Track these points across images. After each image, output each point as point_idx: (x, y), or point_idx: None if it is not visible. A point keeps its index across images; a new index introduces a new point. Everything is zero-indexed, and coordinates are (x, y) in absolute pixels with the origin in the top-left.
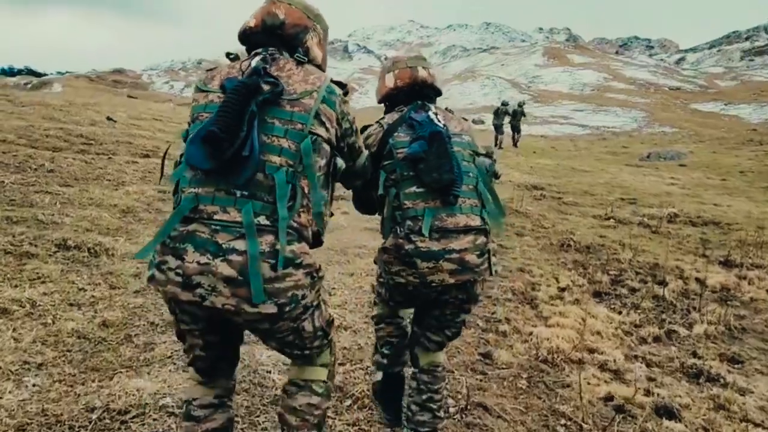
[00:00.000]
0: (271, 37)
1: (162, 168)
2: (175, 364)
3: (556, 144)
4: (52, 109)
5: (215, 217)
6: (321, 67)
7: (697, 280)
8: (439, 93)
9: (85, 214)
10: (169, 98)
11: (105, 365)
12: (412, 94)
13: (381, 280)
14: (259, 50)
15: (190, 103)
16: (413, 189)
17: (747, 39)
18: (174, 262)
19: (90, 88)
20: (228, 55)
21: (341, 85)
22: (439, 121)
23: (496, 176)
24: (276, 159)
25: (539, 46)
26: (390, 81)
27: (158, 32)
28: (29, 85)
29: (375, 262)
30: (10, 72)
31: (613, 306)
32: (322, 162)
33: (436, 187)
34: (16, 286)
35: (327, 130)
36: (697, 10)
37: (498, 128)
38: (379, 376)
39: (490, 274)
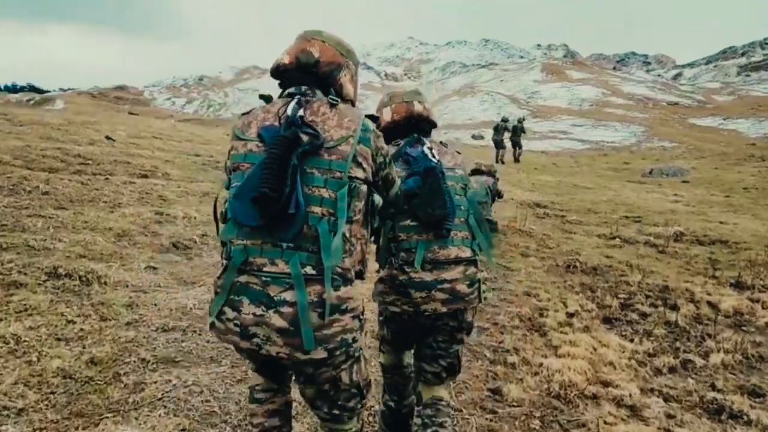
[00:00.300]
0: (305, 75)
1: (216, 224)
2: (165, 407)
3: (557, 160)
4: (51, 128)
5: (265, 269)
6: (352, 102)
7: (709, 303)
8: (434, 126)
9: (79, 238)
10: (171, 114)
11: (90, 409)
12: (408, 127)
13: (380, 318)
14: (293, 90)
15: (228, 150)
16: (407, 222)
17: (743, 54)
18: (231, 313)
19: (92, 105)
20: (261, 97)
21: (373, 118)
22: (433, 156)
23: (500, 195)
24: (317, 209)
25: (537, 62)
26: (387, 115)
27: (161, 49)
28: (32, 102)
29: (373, 299)
30: (13, 89)
31: (624, 333)
32: (361, 204)
33: (429, 221)
34: (1, 320)
35: (364, 170)
36: (693, 26)
37: (498, 144)
38: (387, 411)
39: (479, 302)
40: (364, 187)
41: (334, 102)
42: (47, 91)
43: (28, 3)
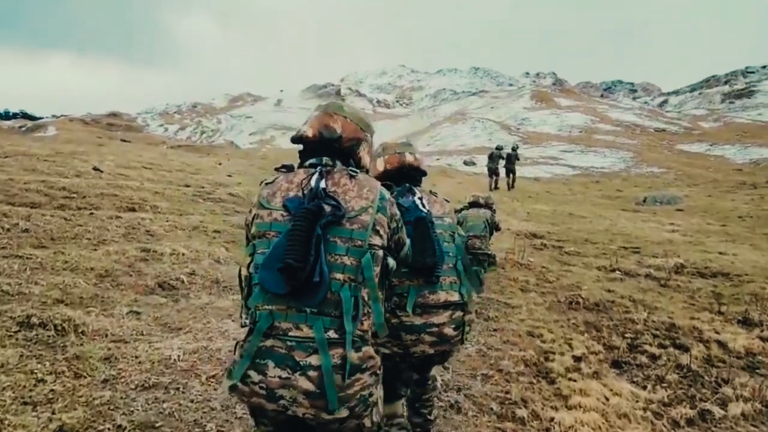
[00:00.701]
0: (327, 148)
1: (242, 289)
2: None
3: (551, 187)
4: (37, 160)
5: (290, 333)
6: (368, 171)
7: (719, 343)
8: (424, 174)
9: (57, 281)
10: (163, 140)
11: None
12: (400, 176)
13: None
14: (314, 161)
15: (250, 216)
16: (400, 269)
17: (726, 83)
18: (257, 376)
19: (84, 131)
20: (283, 166)
21: (387, 186)
22: (423, 206)
23: (497, 228)
24: (340, 276)
25: (527, 89)
26: (381, 165)
27: (155, 77)
28: (24, 129)
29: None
30: (5, 116)
31: (635, 379)
32: (378, 269)
33: (419, 268)
34: None
35: (381, 237)
36: (677, 56)
37: (493, 171)
38: None
39: (461, 343)
40: (381, 252)
41: (354, 174)
42: (39, 118)
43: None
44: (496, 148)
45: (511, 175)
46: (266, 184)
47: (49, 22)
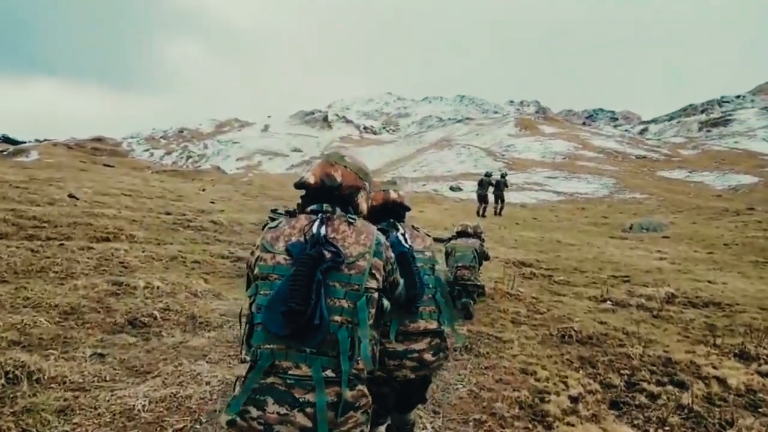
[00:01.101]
0: (328, 195)
1: (241, 327)
2: None
3: (537, 214)
4: (9, 187)
5: (290, 372)
6: (367, 216)
7: (718, 379)
8: (407, 209)
9: (16, 320)
10: (148, 166)
11: None
12: (384, 212)
13: None
14: (315, 208)
15: (253, 253)
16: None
17: (703, 111)
18: (256, 412)
19: (67, 156)
20: (286, 213)
21: (383, 231)
22: (406, 241)
23: (486, 257)
24: (338, 318)
25: (511, 117)
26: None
27: (142, 102)
28: (5, 153)
29: None
30: None
31: (636, 421)
32: (373, 310)
33: (401, 300)
34: None
35: (377, 280)
36: (655, 85)
37: (482, 198)
38: None
39: (440, 368)
40: (376, 295)
41: (353, 220)
42: (22, 142)
43: (7, 56)
44: (486, 175)
45: (499, 202)
46: (270, 228)
47: (37, 47)
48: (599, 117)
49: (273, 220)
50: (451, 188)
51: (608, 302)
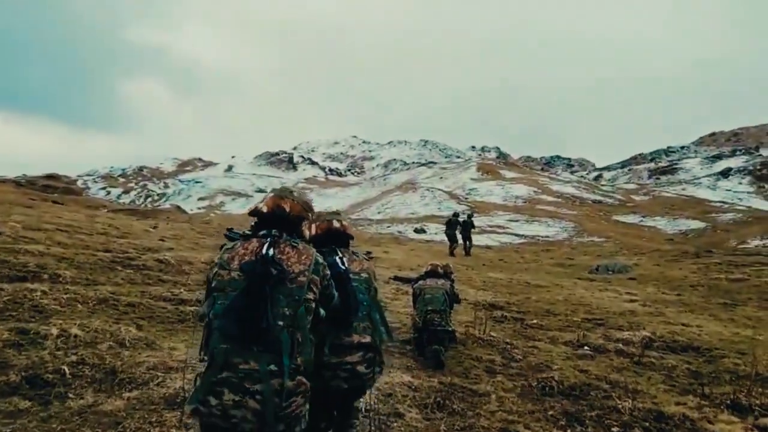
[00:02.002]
0: (277, 222)
1: (203, 340)
2: None
3: (504, 255)
4: None
5: (240, 367)
6: (309, 241)
7: None
8: (350, 238)
9: None
10: (104, 204)
11: None
12: (327, 238)
13: None
14: (266, 232)
15: (210, 270)
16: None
17: (651, 160)
18: (214, 400)
19: (15, 193)
20: (241, 235)
21: (321, 251)
22: (343, 263)
23: (457, 300)
24: (281, 323)
25: (473, 162)
26: (313, 230)
27: (99, 140)
28: None
29: None
30: None
31: None
32: (310, 318)
33: (337, 315)
34: None
35: (314, 293)
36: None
37: (451, 237)
38: None
39: (373, 380)
40: (313, 305)
41: (296, 244)
42: None
43: None
44: (453, 215)
45: (467, 242)
46: (226, 248)
47: None
48: (556, 163)
49: (231, 239)
50: (416, 230)
51: (585, 348)
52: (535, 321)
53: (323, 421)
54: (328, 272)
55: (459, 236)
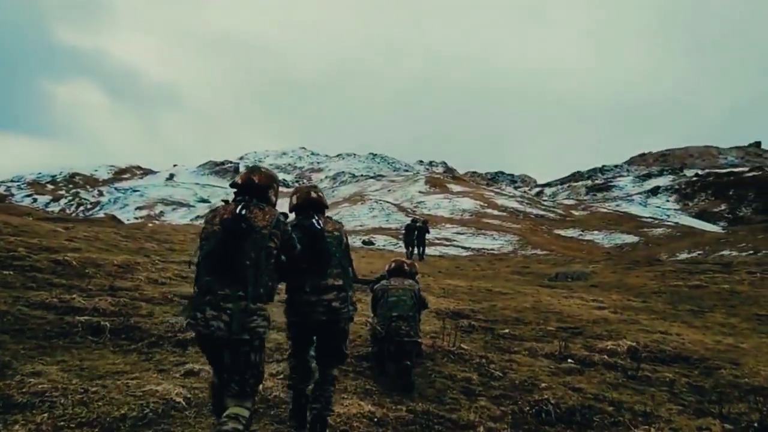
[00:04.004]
0: (249, 191)
1: (195, 275)
2: None
3: (459, 263)
4: None
5: (218, 292)
6: (274, 205)
7: None
8: (325, 207)
9: None
10: (29, 212)
11: None
12: (306, 206)
13: (287, 325)
14: (240, 198)
15: (198, 232)
16: (301, 264)
17: (588, 178)
18: (200, 315)
19: None
20: (224, 200)
21: (284, 215)
22: (319, 224)
23: (425, 305)
24: (248, 262)
25: (421, 175)
26: (294, 200)
27: (25, 145)
28: None
29: (285, 313)
30: None
31: None
32: (271, 261)
33: (315, 263)
34: None
35: (275, 242)
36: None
37: (409, 243)
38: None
39: (349, 316)
40: (274, 251)
41: (262, 207)
42: None
43: None
44: (413, 221)
45: (421, 248)
46: (211, 209)
47: None
48: (500, 179)
49: (227, 203)
50: (364, 242)
51: (570, 361)
52: (506, 331)
53: (308, 346)
54: (289, 228)
55: (416, 242)
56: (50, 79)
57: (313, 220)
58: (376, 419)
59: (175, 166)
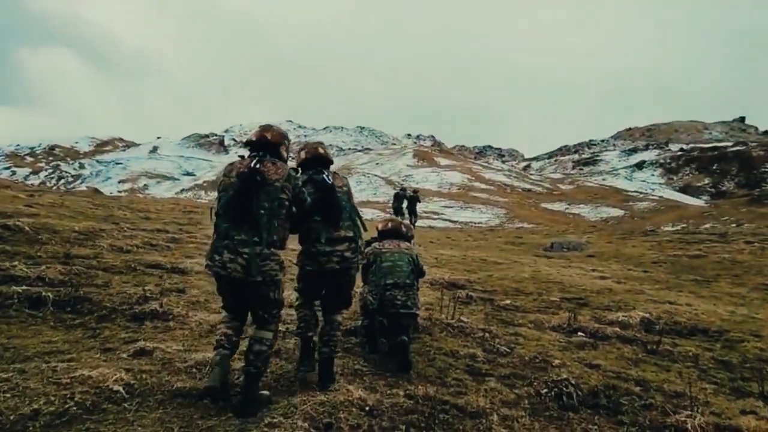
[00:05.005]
0: (263, 147)
1: (213, 221)
2: None
3: (449, 234)
4: None
5: (235, 237)
6: (286, 161)
7: None
8: (331, 162)
9: None
10: (8, 185)
11: None
12: (314, 161)
13: (298, 275)
14: (254, 154)
15: (217, 182)
16: (315, 218)
17: (575, 152)
18: (218, 258)
19: None
20: (240, 156)
21: (294, 169)
22: (329, 179)
23: (422, 272)
24: (262, 211)
25: (409, 149)
26: (303, 155)
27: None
28: None
29: (296, 263)
30: None
31: None
32: (284, 211)
33: (327, 217)
34: None
35: (287, 194)
36: (535, 127)
37: (397, 211)
38: (298, 341)
39: (357, 265)
40: (287, 202)
41: (275, 161)
42: None
43: None
44: (401, 189)
45: (412, 216)
46: (229, 164)
47: None
48: (488, 153)
49: (242, 158)
50: None
51: (580, 334)
52: (507, 302)
53: (317, 296)
54: (299, 182)
55: (405, 211)
56: (24, 47)
57: (324, 176)
58: (367, 408)
59: (158, 138)
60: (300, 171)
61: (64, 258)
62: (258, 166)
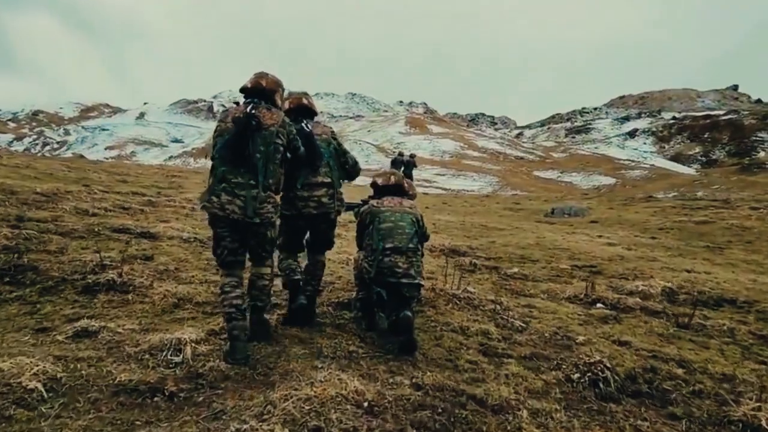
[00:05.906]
0: (258, 94)
1: (211, 165)
2: None
3: (446, 199)
4: None
5: (232, 180)
6: (280, 108)
7: None
8: (315, 113)
9: None
10: None
11: None
12: (297, 111)
13: (279, 229)
14: (249, 100)
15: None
16: (295, 162)
17: (568, 120)
18: (216, 200)
19: None
20: (235, 103)
21: (294, 120)
22: (308, 127)
23: (425, 236)
24: (258, 155)
25: (401, 116)
26: (287, 105)
27: None
28: None
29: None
30: None
31: None
32: (279, 156)
33: (306, 163)
34: None
35: (281, 139)
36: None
37: None
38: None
39: (336, 210)
40: (282, 148)
41: (269, 108)
42: None
43: None
44: (399, 155)
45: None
46: (224, 111)
47: None
48: (480, 120)
49: (237, 104)
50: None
51: (600, 305)
52: (515, 270)
53: (299, 243)
54: (293, 129)
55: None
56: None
57: (303, 125)
58: (366, 403)
59: (145, 104)
60: None
61: (15, 221)
62: (253, 111)
